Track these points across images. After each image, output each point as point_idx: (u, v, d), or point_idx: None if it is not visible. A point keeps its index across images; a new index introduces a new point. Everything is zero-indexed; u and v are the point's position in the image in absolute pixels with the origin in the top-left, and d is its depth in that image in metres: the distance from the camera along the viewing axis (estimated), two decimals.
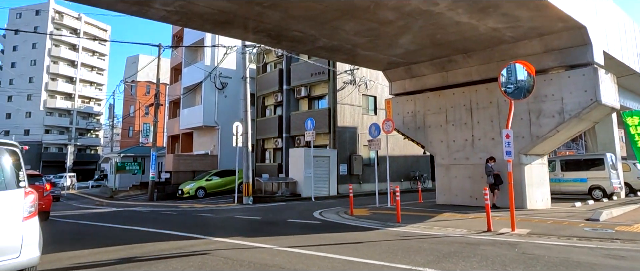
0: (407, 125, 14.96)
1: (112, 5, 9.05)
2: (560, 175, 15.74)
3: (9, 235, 4.08)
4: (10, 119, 59.02)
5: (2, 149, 4.51)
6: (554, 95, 11.29)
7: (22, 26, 57.64)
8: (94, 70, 68.11)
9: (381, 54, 12.95)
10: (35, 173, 13.71)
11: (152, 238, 8.22)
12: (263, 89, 25.96)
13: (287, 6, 9.23)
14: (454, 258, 5.75)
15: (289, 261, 5.75)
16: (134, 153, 34.54)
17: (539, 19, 10.07)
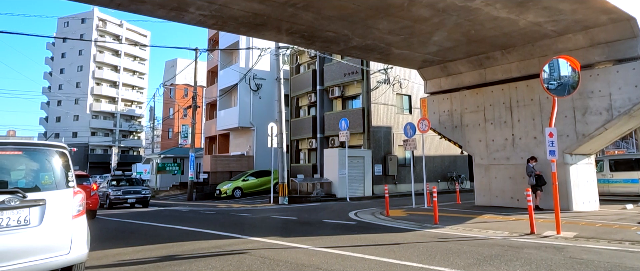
0: (444, 124, 14.64)
1: (152, 11, 9.37)
2: (608, 176, 14.93)
3: (59, 233, 4.29)
4: (59, 122, 62.45)
5: (52, 151, 4.74)
6: (601, 91, 10.72)
7: (69, 34, 60.85)
8: (135, 75, 70.90)
9: (415, 52, 12.73)
10: (83, 174, 14.41)
11: (191, 236, 8.44)
12: (297, 90, 26.14)
13: (320, 7, 9.25)
14: (495, 262, 5.56)
15: (326, 262, 5.74)
16: (173, 154, 35.72)
17: (582, 11, 9.58)
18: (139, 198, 18.73)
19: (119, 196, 18.34)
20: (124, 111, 67.82)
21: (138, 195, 18.72)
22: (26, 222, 4.10)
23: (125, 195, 18.41)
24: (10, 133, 35.76)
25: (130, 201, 18.48)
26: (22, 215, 4.09)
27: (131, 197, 18.52)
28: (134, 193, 18.64)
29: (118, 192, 18.43)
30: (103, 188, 19.80)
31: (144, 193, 19.06)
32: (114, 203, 18.30)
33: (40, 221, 4.18)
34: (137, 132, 70.44)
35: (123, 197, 18.36)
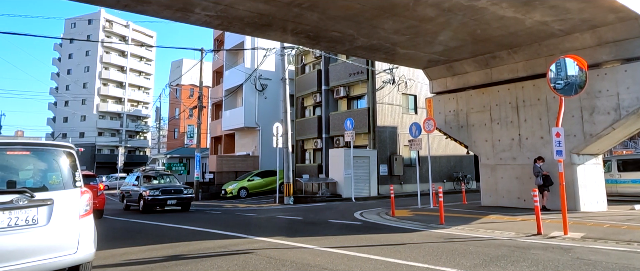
0: (449, 124, 14.58)
1: (157, 12, 9.42)
2: (616, 176, 14.79)
3: (66, 232, 4.32)
4: (67, 123, 62.95)
5: (60, 151, 4.78)
6: (609, 91, 10.62)
7: (76, 35, 61.34)
8: (142, 75, 71.32)
9: (421, 51, 12.69)
10: (90, 174, 14.52)
11: (197, 236, 8.47)
12: (302, 90, 26.16)
13: (325, 7, 9.25)
14: (502, 262, 5.53)
15: (331, 262, 5.74)
16: (179, 154, 35.88)
17: (589, 10, 9.50)
18: (180, 200, 15.19)
19: (157, 197, 14.78)
20: (131, 111, 68.25)
21: (179, 195, 15.17)
22: (34, 222, 4.14)
23: (164, 195, 14.87)
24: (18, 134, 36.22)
25: (171, 203, 14.96)
26: (30, 214, 4.13)
27: (172, 198, 14.96)
28: (174, 194, 15.10)
29: (155, 191, 14.82)
30: (132, 186, 16.71)
31: (187, 193, 15.45)
32: (150, 206, 14.88)
33: (48, 220, 4.22)
34: (143, 132, 70.86)
35: (161, 197, 14.82)
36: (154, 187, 15.18)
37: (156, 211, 15.17)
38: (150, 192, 14.79)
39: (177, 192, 15.29)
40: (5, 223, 3.97)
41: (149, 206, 14.80)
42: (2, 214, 3.97)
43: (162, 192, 14.96)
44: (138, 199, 15.24)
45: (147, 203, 14.69)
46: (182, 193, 15.34)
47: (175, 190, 15.31)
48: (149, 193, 14.75)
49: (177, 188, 15.44)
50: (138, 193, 15.29)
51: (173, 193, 15.17)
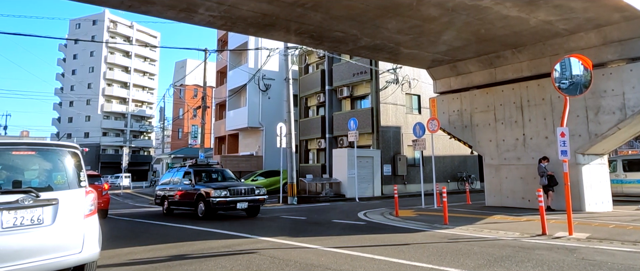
0: (453, 124, 14.54)
1: (161, 13, 9.45)
2: (622, 176, 14.70)
3: (71, 232, 4.34)
4: (71, 123, 63.27)
5: (65, 151, 4.81)
6: (614, 91, 10.56)
7: (81, 36, 61.66)
8: (146, 75, 71.59)
9: (424, 51, 12.67)
10: (95, 174, 14.55)
11: (201, 236, 8.49)
12: (305, 90, 26.17)
13: (328, 7, 9.24)
14: (506, 263, 5.51)
15: (335, 262, 5.74)
16: (183, 154, 35.98)
17: (594, 9, 9.45)
18: (251, 203, 12.04)
19: (226, 198, 11.55)
20: (135, 111, 68.52)
21: (252, 196, 12.01)
22: (39, 221, 4.16)
23: (233, 196, 11.70)
24: (23, 134, 36.43)
25: (241, 206, 11.85)
26: (35, 214, 4.15)
27: (242, 200, 11.79)
28: (245, 195, 11.92)
29: (222, 191, 11.55)
30: (181, 185, 13.17)
31: (259, 194, 12.25)
32: (215, 210, 11.72)
33: (53, 220, 4.24)
34: (147, 132, 71.12)
35: (230, 199, 11.61)
36: (220, 186, 11.83)
37: (158, 212, 15.15)
38: (216, 191, 11.43)
39: (249, 192, 12.01)
40: (11, 223, 3.99)
41: (214, 210, 11.68)
42: (7, 214, 3.99)
43: (231, 193, 11.65)
44: (195, 201, 12.08)
45: (213, 206, 11.43)
46: (253, 194, 12.04)
47: (246, 191, 11.97)
48: (216, 193, 11.41)
49: (248, 188, 12.16)
50: (194, 194, 12.14)
51: (244, 194, 11.90)
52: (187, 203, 12.67)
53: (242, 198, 11.84)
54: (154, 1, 8.79)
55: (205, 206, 11.70)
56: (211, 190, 11.59)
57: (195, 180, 12.63)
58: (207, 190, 11.73)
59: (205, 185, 12.12)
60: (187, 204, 12.72)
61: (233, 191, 11.73)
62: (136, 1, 8.83)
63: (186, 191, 12.68)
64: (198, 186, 12.28)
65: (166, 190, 14.14)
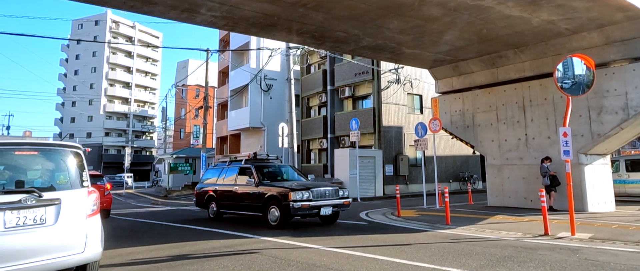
0: (455, 124, 14.52)
1: (164, 13, 9.47)
2: (625, 176, 14.66)
3: (74, 232, 4.35)
4: (74, 123, 63.47)
5: (67, 151, 4.82)
6: (617, 90, 10.53)
7: (83, 36, 61.83)
8: (148, 76, 71.74)
9: (426, 51, 12.65)
10: (97, 174, 14.60)
11: (203, 236, 8.50)
12: (307, 90, 26.18)
13: (330, 7, 9.24)
14: (509, 263, 5.50)
15: (337, 262, 5.74)
16: (185, 155, 36.02)
17: (597, 9, 9.42)
18: (335, 208, 9.54)
19: (310, 201, 9.07)
20: (137, 112, 68.67)
21: (336, 200, 9.54)
22: (42, 221, 4.17)
23: (318, 200, 9.22)
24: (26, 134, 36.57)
25: (326, 212, 9.33)
26: (38, 214, 4.16)
27: (327, 205, 9.29)
28: (330, 197, 9.47)
29: (304, 193, 9.10)
30: (241, 184, 10.59)
31: (343, 196, 9.79)
32: (295, 216, 9.22)
33: (56, 220, 4.25)
34: (149, 133, 71.27)
35: (314, 203, 9.13)
36: (299, 186, 9.42)
37: (161, 212, 15.13)
38: (296, 193, 9.00)
39: (333, 194, 9.59)
40: (14, 223, 4.00)
41: (291, 216, 9.18)
42: (10, 213, 4.01)
43: (315, 195, 9.23)
44: (263, 205, 9.61)
45: (292, 212, 8.93)
46: (338, 197, 9.67)
47: (330, 193, 9.56)
48: (297, 196, 8.96)
49: (332, 189, 9.70)
50: (261, 196, 9.67)
51: (328, 196, 9.47)
52: (248, 206, 10.19)
53: (328, 202, 9.30)
54: (156, 1, 8.81)
55: (282, 211, 9.07)
56: (289, 190, 9.03)
57: (258, 179, 10.12)
58: (282, 190, 9.22)
59: (277, 185, 9.70)
60: (249, 208, 10.22)
61: (316, 193, 9.25)
62: (138, 1, 8.85)
63: (247, 192, 10.19)
64: (266, 185, 9.88)
65: (214, 190, 11.56)
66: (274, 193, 9.44)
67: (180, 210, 16.56)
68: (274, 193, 9.44)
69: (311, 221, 10.63)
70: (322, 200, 9.31)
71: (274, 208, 9.34)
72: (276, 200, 9.31)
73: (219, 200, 11.31)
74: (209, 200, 11.71)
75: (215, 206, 11.42)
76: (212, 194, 11.59)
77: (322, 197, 9.38)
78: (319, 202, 9.23)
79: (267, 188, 9.72)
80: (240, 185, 10.63)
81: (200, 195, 12.15)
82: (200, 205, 12.28)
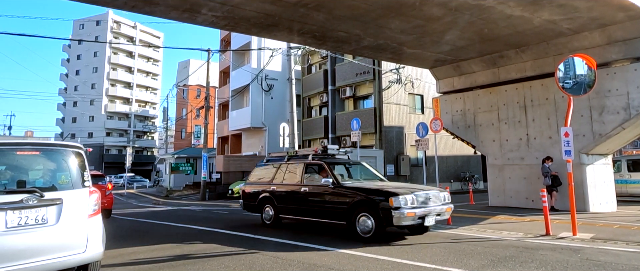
0: (457, 124, 14.51)
1: (165, 13, 9.48)
2: (626, 176, 14.64)
3: (75, 232, 4.36)
4: (75, 123, 63.57)
5: (69, 151, 4.82)
6: (619, 90, 10.51)
7: (85, 36, 61.92)
8: (149, 76, 71.81)
9: (428, 51, 12.65)
10: (98, 174, 14.62)
11: (204, 236, 8.51)
12: (308, 90, 26.18)
13: (331, 7, 9.24)
14: (510, 263, 5.49)
15: (338, 262, 5.73)
16: (186, 155, 36.05)
17: (598, 8, 9.41)
18: (438, 216, 7.69)
19: (415, 208, 7.20)
20: (138, 112, 68.74)
21: (440, 206, 7.70)
22: (44, 221, 4.18)
23: (423, 206, 7.37)
24: (28, 134, 36.65)
25: (430, 223, 7.55)
26: (39, 213, 4.17)
27: (431, 212, 7.47)
28: (434, 203, 7.62)
29: (407, 197, 7.17)
30: (313, 183, 8.76)
31: (447, 201, 7.97)
32: (401, 225, 7.36)
33: (57, 220, 4.26)
34: (150, 133, 71.33)
35: (421, 210, 7.27)
36: (402, 189, 7.62)
37: (162, 212, 15.09)
38: (401, 199, 7.03)
39: (437, 199, 7.71)
40: (16, 223, 4.01)
41: (386, 227, 7.30)
42: (12, 213, 4.01)
43: (420, 201, 7.33)
44: (348, 211, 7.65)
45: (396, 221, 7.00)
46: (442, 202, 7.79)
47: (434, 197, 7.65)
48: (401, 201, 7.01)
49: (436, 193, 7.80)
50: (347, 199, 7.74)
51: (432, 202, 7.56)
52: (325, 213, 8.23)
53: (433, 209, 7.45)
54: (158, 2, 8.82)
55: (378, 220, 7.13)
56: (391, 194, 7.09)
57: (338, 178, 8.26)
58: (379, 193, 7.31)
59: (366, 187, 7.80)
60: (325, 214, 8.24)
61: (421, 198, 7.37)
62: (140, 2, 8.86)
63: (322, 195, 8.32)
64: (348, 187, 7.91)
65: (270, 191, 9.61)
66: (364, 198, 7.43)
67: (181, 210, 16.54)
68: (366, 197, 7.41)
69: (311, 222, 10.60)
70: (426, 207, 7.37)
71: (366, 216, 7.28)
72: (369, 206, 7.29)
73: (280, 203, 9.36)
74: (262, 203, 9.81)
75: (273, 211, 9.49)
76: (268, 196, 9.62)
77: (426, 202, 7.44)
78: (424, 209, 7.28)
79: (352, 191, 7.72)
80: (310, 185, 8.71)
81: (251, 197, 10.27)
82: (250, 208, 10.43)
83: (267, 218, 9.76)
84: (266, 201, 9.74)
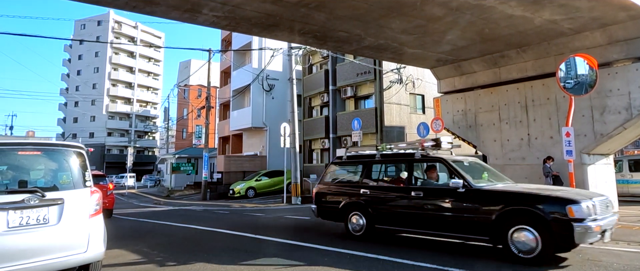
0: (458, 124, 14.50)
1: (166, 13, 9.48)
2: (628, 176, 14.62)
3: (77, 231, 4.37)
4: (77, 123, 63.68)
5: (70, 151, 4.83)
6: (620, 90, 10.49)
7: (86, 36, 62.00)
8: (150, 76, 71.89)
9: (428, 51, 12.64)
10: (100, 174, 14.64)
11: (206, 236, 8.52)
12: (309, 90, 26.18)
13: (332, 7, 9.24)
14: (511, 263, 5.48)
15: (339, 262, 5.74)
16: (187, 155, 36.11)
17: (600, 8, 9.39)
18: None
19: (597, 221, 5.33)
20: (139, 112, 68.82)
21: (610, 216, 5.81)
22: (45, 221, 4.19)
23: (603, 216, 5.54)
24: (29, 134, 36.68)
25: (607, 237, 5.52)
26: (41, 213, 4.18)
27: (609, 222, 5.64)
28: (609, 212, 5.84)
29: (591, 206, 5.35)
30: (438, 187, 7.02)
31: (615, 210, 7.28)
32: (584, 243, 5.42)
33: (59, 220, 4.27)
34: (152, 133, 71.40)
35: (602, 221, 5.43)
36: (580, 194, 5.84)
37: (164, 212, 15.10)
38: (581, 208, 5.31)
39: (608, 207, 5.99)
40: (17, 222, 4.02)
41: (561, 245, 5.50)
42: (13, 213, 4.02)
43: (600, 210, 5.62)
44: (497, 225, 5.76)
45: (579, 238, 5.26)
46: (611, 213, 6.06)
47: (608, 204, 6.05)
48: (585, 212, 5.30)
49: (606, 199, 6.08)
50: (489, 207, 5.95)
51: (608, 210, 5.95)
52: (453, 224, 6.32)
53: (612, 219, 5.83)
54: (159, 2, 8.83)
55: (550, 237, 5.34)
56: (570, 201, 5.42)
57: (467, 181, 6.31)
58: (550, 198, 5.64)
59: (517, 191, 6.06)
60: (454, 226, 6.30)
61: (603, 206, 5.73)
62: (141, 2, 8.87)
63: (447, 200, 6.48)
64: (491, 189, 6.28)
65: (360, 195, 7.78)
66: (523, 206, 5.65)
67: (182, 209, 16.57)
68: (527, 205, 5.62)
69: (312, 222, 10.62)
70: (607, 217, 5.65)
71: (527, 230, 5.47)
72: (531, 218, 5.51)
73: (375, 210, 7.45)
74: (348, 209, 7.89)
75: (363, 219, 7.55)
76: (358, 201, 7.73)
77: (604, 211, 5.69)
78: (606, 220, 5.57)
79: (499, 196, 6.02)
80: (425, 188, 6.95)
81: (330, 201, 8.42)
82: (329, 214, 8.48)
83: (356, 228, 7.67)
84: (354, 207, 7.79)
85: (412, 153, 7.44)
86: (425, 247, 6.69)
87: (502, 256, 5.71)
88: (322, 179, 9.05)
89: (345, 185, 8.46)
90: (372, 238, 7.45)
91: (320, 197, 8.68)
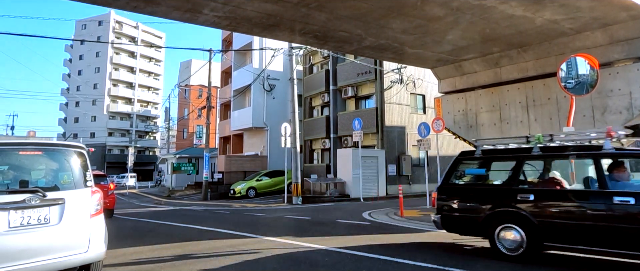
0: (458, 124, 14.49)
1: (167, 13, 9.50)
2: None
3: (78, 231, 4.37)
4: (78, 123, 63.73)
5: (71, 151, 4.83)
6: (621, 90, 10.48)
7: (87, 36, 62.04)
8: (151, 76, 71.93)
9: (429, 51, 12.64)
10: (100, 173, 14.64)
11: (206, 236, 8.52)
12: (310, 90, 26.18)
13: (333, 7, 9.25)
14: (512, 263, 5.47)
15: (340, 262, 5.74)
16: (188, 154, 36.13)
17: (600, 8, 9.39)
18: None
19: None
20: (140, 112, 68.86)
21: None
22: (46, 221, 4.19)
23: None
24: (30, 134, 36.81)
25: None
26: (42, 213, 4.18)
27: None
28: None
29: None
30: None
31: None
32: None
33: (60, 219, 4.27)
34: (152, 133, 71.44)
35: None
36: None
37: (164, 212, 15.06)
38: None
39: None
40: (18, 222, 4.02)
41: None
42: (14, 213, 4.02)
43: None
44: None
45: None
46: None
47: None
48: None
49: None
50: None
51: None
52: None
53: None
54: (159, 2, 8.84)
55: None
56: None
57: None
58: None
59: None
60: None
61: None
62: (141, 2, 8.88)
63: None
64: None
65: (519, 200, 5.72)
66: None
67: (183, 209, 16.59)
68: None
69: (312, 222, 10.63)
70: None
71: None
72: None
73: (543, 222, 5.41)
74: (497, 220, 5.84)
75: (522, 234, 5.52)
76: (514, 209, 5.70)
77: None
78: None
79: None
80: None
81: (463, 209, 6.46)
82: (463, 226, 6.45)
83: (511, 246, 5.64)
84: (507, 217, 5.76)
85: (599, 146, 5.56)
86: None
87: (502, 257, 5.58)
88: (446, 179, 6.93)
89: (487, 188, 6.48)
90: (536, 259, 5.56)
91: (445, 204, 6.62)
